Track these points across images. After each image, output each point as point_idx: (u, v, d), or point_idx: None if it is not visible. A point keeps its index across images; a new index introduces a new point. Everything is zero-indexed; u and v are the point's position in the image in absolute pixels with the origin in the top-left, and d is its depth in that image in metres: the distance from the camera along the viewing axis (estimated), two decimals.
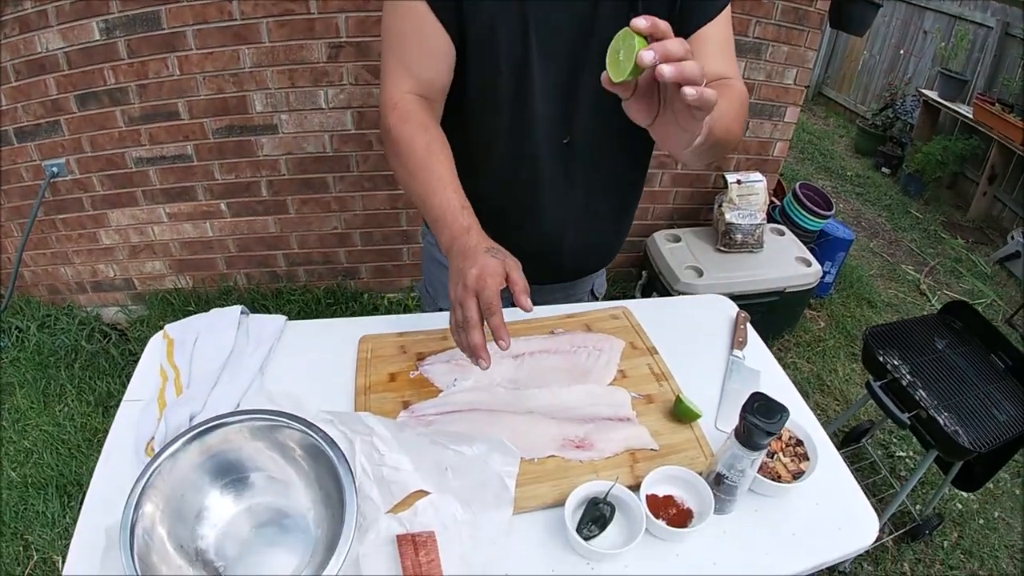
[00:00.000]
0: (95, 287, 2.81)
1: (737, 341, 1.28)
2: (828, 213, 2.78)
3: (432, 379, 1.11)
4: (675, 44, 0.69)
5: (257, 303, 2.78)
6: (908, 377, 1.86)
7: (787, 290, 2.52)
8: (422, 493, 0.93)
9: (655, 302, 1.39)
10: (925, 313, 3.26)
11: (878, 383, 1.80)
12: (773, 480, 0.99)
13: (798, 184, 2.83)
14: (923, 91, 4.76)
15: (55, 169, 2.45)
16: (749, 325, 1.32)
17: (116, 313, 2.86)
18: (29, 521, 2.03)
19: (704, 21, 1.02)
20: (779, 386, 1.20)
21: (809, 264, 2.55)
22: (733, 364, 1.23)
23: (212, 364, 1.20)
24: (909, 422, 1.72)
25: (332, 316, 2.72)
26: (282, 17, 2.20)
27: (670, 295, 2.47)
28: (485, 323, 0.87)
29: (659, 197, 2.81)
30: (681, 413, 1.06)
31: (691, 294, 2.38)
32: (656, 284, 2.59)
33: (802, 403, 1.18)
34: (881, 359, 1.87)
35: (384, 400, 1.08)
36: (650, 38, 0.71)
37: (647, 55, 0.68)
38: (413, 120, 1.01)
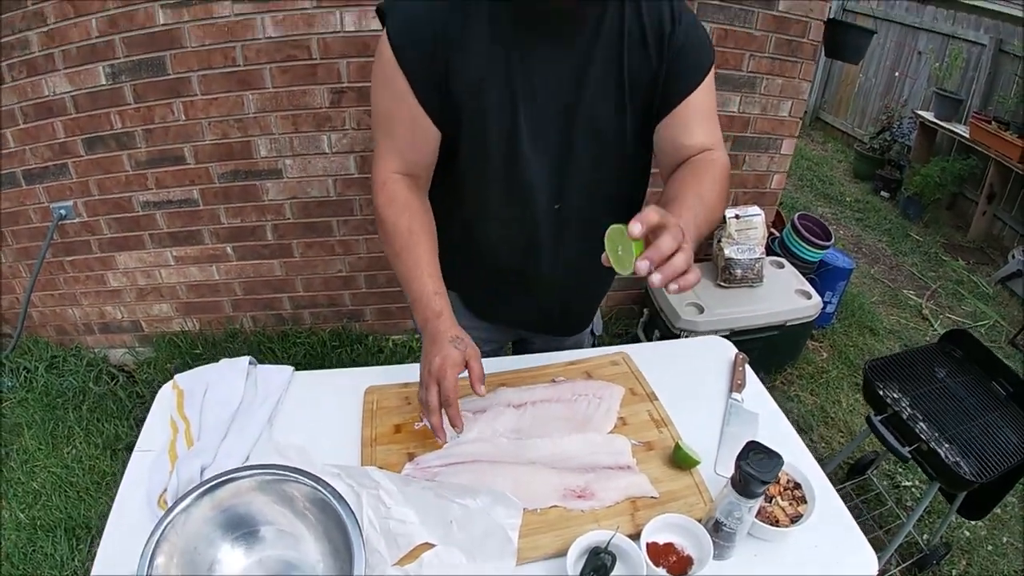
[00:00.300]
0: (103, 329, 2.85)
1: (736, 383, 1.31)
2: (827, 243, 2.82)
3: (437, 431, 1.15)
4: (667, 242, 0.80)
5: (263, 346, 2.80)
6: (908, 410, 1.88)
7: (788, 323, 2.55)
8: (428, 545, 0.96)
9: (654, 346, 1.43)
10: (928, 338, 3.28)
11: (878, 417, 1.82)
12: (771, 524, 1.02)
13: (796, 215, 2.88)
14: (919, 112, 4.79)
15: (63, 211, 2.50)
16: (748, 367, 1.36)
17: (123, 355, 2.89)
18: (37, 563, 2.04)
19: (687, 92, 1.07)
20: (777, 428, 1.23)
21: (809, 296, 2.59)
22: (732, 407, 1.26)
23: (222, 416, 1.24)
24: (910, 456, 1.74)
25: (337, 358, 2.77)
26: (285, 63, 2.27)
27: (672, 332, 2.51)
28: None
29: None
30: (680, 460, 1.09)
31: (692, 331, 2.42)
32: (657, 321, 2.63)
33: (801, 445, 1.21)
34: (881, 393, 1.89)
35: (390, 452, 1.11)
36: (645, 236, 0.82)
37: (643, 266, 0.80)
38: (398, 202, 1.10)
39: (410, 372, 1.30)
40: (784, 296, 2.59)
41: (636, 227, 0.80)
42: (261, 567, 0.98)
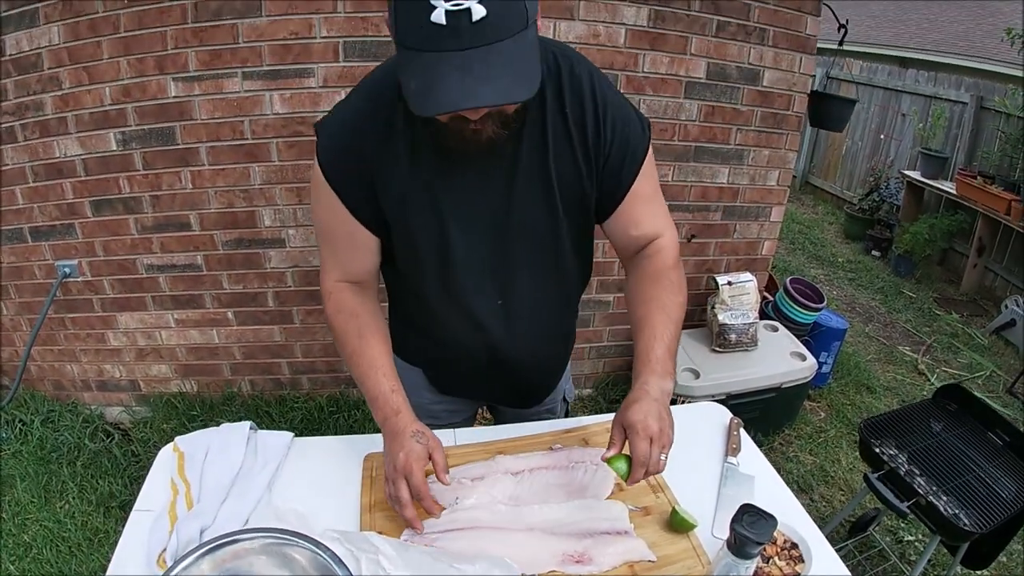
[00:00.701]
0: (100, 386, 2.84)
1: (731, 448, 1.33)
2: (820, 305, 2.87)
3: (435, 497, 1.16)
4: (643, 451, 1.02)
5: (260, 410, 2.80)
6: (905, 465, 1.89)
7: (783, 385, 2.58)
8: None
9: None
10: (925, 393, 3.28)
11: (875, 475, 1.83)
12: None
13: (788, 279, 2.94)
14: (906, 172, 4.90)
15: (67, 270, 2.53)
16: (743, 431, 1.38)
17: (120, 413, 2.88)
18: None
19: (627, 187, 1.11)
20: (774, 489, 1.25)
21: (804, 358, 2.62)
22: (728, 471, 1.28)
23: (222, 479, 1.25)
24: (908, 511, 1.75)
25: (335, 424, 2.77)
26: (291, 138, 2.35)
27: None
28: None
29: None
30: (677, 524, 1.11)
31: (689, 396, 2.45)
32: None
33: (797, 505, 1.22)
34: (877, 450, 1.90)
35: (388, 518, 1.12)
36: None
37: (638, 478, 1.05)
38: (345, 309, 1.16)
39: None
40: (779, 359, 2.62)
41: (609, 454, 1.05)
42: None
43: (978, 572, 2.25)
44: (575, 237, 1.16)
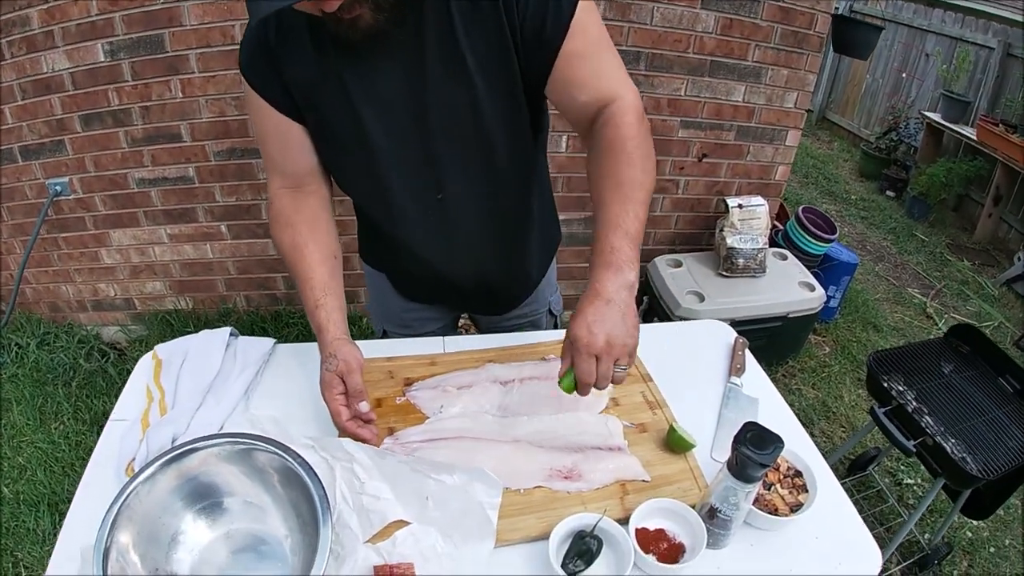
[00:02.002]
0: (95, 306, 2.80)
1: (735, 368, 1.24)
2: (831, 237, 2.74)
3: (419, 405, 1.08)
4: (584, 373, 0.89)
5: (256, 325, 2.75)
6: (914, 403, 1.80)
7: (790, 315, 2.47)
8: (402, 523, 0.89)
9: (652, 328, 1.36)
10: (932, 337, 3.19)
11: (882, 409, 1.75)
12: (770, 513, 0.95)
13: (801, 208, 2.80)
14: (926, 113, 4.72)
15: (58, 188, 2.46)
16: (748, 351, 1.29)
17: (116, 332, 2.84)
18: (20, 538, 1.99)
19: (556, 47, 0.94)
20: (778, 414, 1.16)
21: (813, 289, 2.50)
22: (730, 391, 1.19)
23: (198, 386, 1.18)
24: (915, 449, 1.67)
25: None
26: None
27: (671, 321, 2.44)
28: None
29: (660, 222, 2.79)
30: (674, 443, 1.02)
31: (692, 319, 2.35)
32: (657, 309, 2.56)
33: (802, 432, 1.13)
34: (886, 384, 1.82)
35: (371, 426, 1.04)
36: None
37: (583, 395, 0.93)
38: (281, 219, 1.09)
39: (395, 347, 1.24)
40: (787, 287, 2.51)
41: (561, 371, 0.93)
42: (228, 540, 0.93)
43: (975, 522, 2.21)
44: (507, 123, 1.03)
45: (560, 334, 1.29)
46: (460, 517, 0.87)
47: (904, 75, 5.33)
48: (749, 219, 2.43)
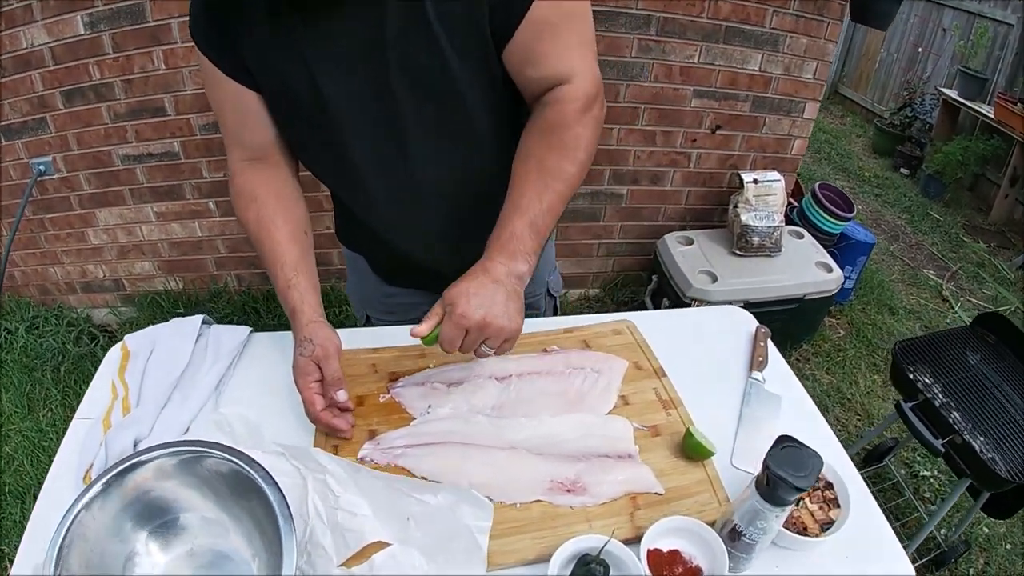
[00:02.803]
0: (85, 288, 2.69)
1: (756, 361, 1.11)
2: (849, 215, 2.59)
3: (404, 404, 0.96)
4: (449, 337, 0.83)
5: (248, 306, 2.64)
6: (941, 397, 1.67)
7: (807, 297, 2.33)
8: (381, 544, 0.77)
9: (663, 315, 1.23)
10: (948, 321, 3.06)
11: (909, 404, 1.61)
12: (799, 533, 0.82)
13: (817, 184, 2.64)
14: (942, 90, 4.55)
15: (42, 167, 2.35)
16: (770, 342, 1.16)
17: (106, 315, 2.74)
18: (6, 531, 1.91)
19: (520, 12, 0.83)
20: (803, 414, 1.04)
21: (830, 269, 2.36)
22: (752, 388, 1.06)
23: (164, 382, 1.06)
24: (944, 449, 1.54)
25: (332, 319, 2.58)
26: None
27: (682, 301, 2.30)
28: None
29: (670, 197, 2.64)
30: (691, 450, 0.89)
31: (705, 300, 2.21)
32: (667, 289, 2.41)
33: (831, 436, 1.01)
34: (912, 377, 1.68)
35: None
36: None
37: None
38: (244, 194, 0.98)
39: (379, 336, 1.11)
40: (804, 268, 2.36)
41: (421, 329, 0.85)
42: (192, 560, 0.81)
43: (993, 519, 2.07)
44: (482, 88, 0.90)
45: (563, 321, 1.16)
46: (446, 540, 0.74)
47: (920, 50, 5.14)
48: (765, 195, 2.28)
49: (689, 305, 2.25)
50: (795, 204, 2.71)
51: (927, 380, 1.70)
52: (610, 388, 0.98)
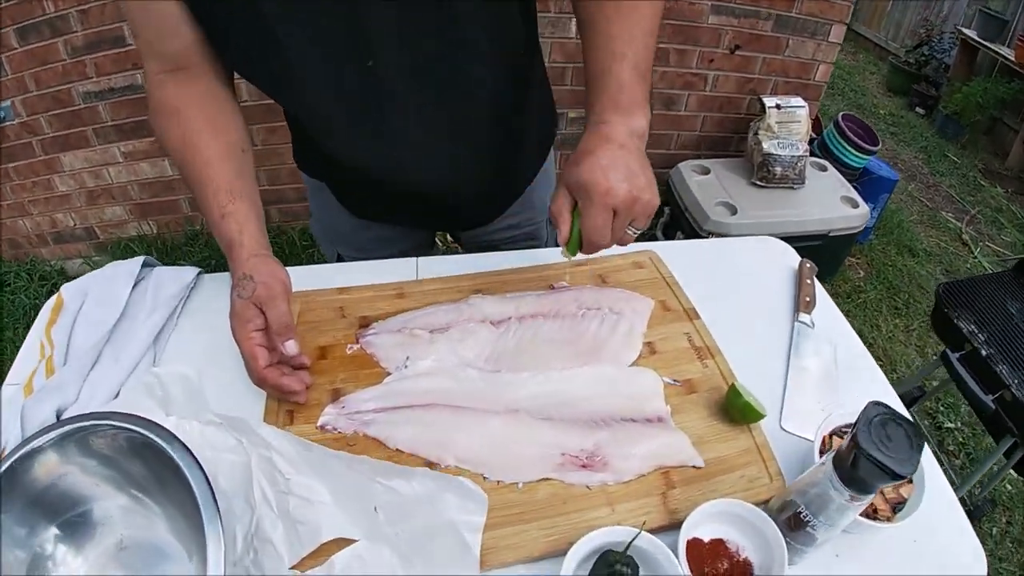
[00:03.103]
0: (56, 239, 2.49)
1: (803, 301, 0.90)
2: (874, 148, 2.35)
3: (376, 355, 0.76)
4: (596, 231, 0.67)
5: None
6: (985, 348, 1.46)
7: (831, 233, 2.10)
8: (344, 541, 0.59)
9: (688, 246, 1.01)
10: (968, 265, 2.87)
11: (957, 355, 1.41)
12: (868, 517, 0.63)
13: (840, 115, 2.39)
14: (962, 29, 4.26)
15: (1, 113, 2.14)
16: (817, 280, 0.95)
17: (80, 265, 2.54)
18: None
19: None
20: (858, 365, 0.84)
21: (856, 205, 2.12)
22: (799, 334, 0.86)
23: (94, 337, 0.86)
24: (993, 406, 1.34)
25: (309, 259, 2.39)
26: None
27: (698, 236, 2.07)
28: None
29: (684, 122, 2.39)
30: (738, 411, 0.70)
31: (723, 234, 1.98)
32: (681, 222, 2.19)
33: (890, 390, 0.82)
34: (958, 324, 1.47)
35: (308, 388, 0.72)
36: None
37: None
38: (163, 110, 0.76)
39: (350, 273, 0.90)
40: (829, 202, 2.13)
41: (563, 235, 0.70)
42: (120, 559, 0.64)
43: (1014, 473, 1.90)
44: None
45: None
46: (424, 539, 0.55)
47: None
48: (788, 122, 2.03)
49: (707, 237, 2.04)
50: (815, 136, 2.47)
51: (972, 328, 1.50)
52: (633, 333, 0.77)
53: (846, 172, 2.33)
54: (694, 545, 0.60)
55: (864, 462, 0.51)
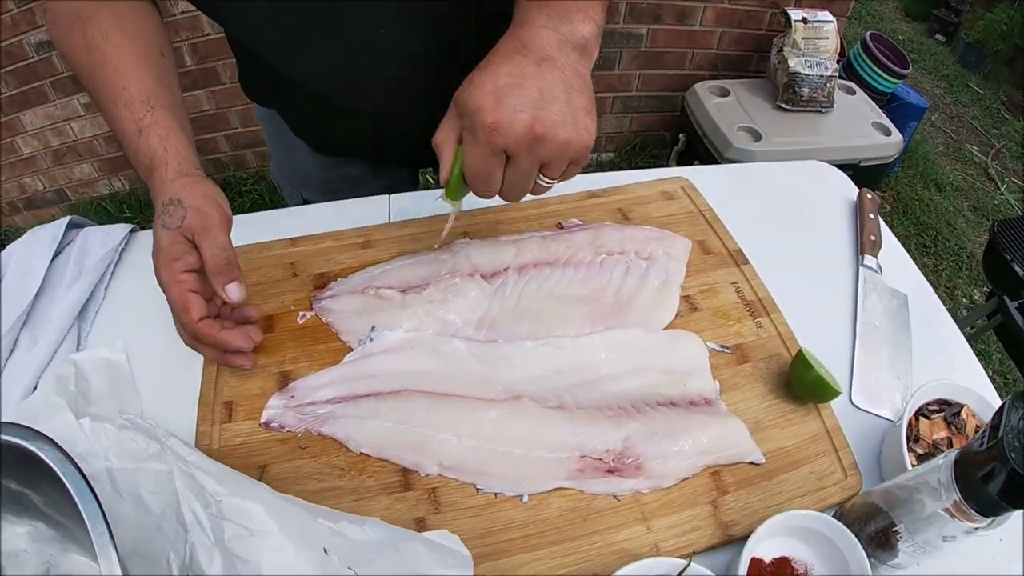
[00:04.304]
0: (27, 204, 2.32)
1: (868, 241, 0.73)
2: (904, 71, 2.12)
3: (333, 324, 0.58)
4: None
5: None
6: None
7: (862, 163, 1.89)
8: None
9: (720, 171, 0.82)
10: (995, 201, 2.68)
11: (1015, 304, 1.22)
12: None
13: (868, 33, 2.15)
14: None
15: None
16: (880, 218, 0.77)
17: None
18: None
19: None
20: (934, 322, 0.67)
21: (888, 132, 1.90)
22: (866, 282, 0.68)
23: (10, 317, 0.71)
24: None
25: None
26: None
27: (718, 164, 1.86)
28: None
29: (699, 39, 2.13)
30: (806, 387, 0.52)
31: (744, 162, 1.78)
32: (698, 150, 1.97)
33: (973, 360, 0.65)
34: (1013, 266, 1.27)
35: (249, 372, 0.56)
36: None
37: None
38: (62, 17, 0.60)
39: (306, 219, 0.72)
40: (860, 128, 1.91)
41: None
42: None
43: None
44: None
45: (586, 181, 0.75)
46: None
47: None
48: (815, 38, 1.80)
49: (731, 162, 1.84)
50: (839, 59, 2.23)
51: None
52: (669, 285, 0.59)
53: (873, 97, 2.11)
54: (754, 566, 0.44)
55: (1005, 479, 0.35)
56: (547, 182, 0.49)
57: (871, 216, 0.75)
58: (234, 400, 0.54)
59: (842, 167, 1.91)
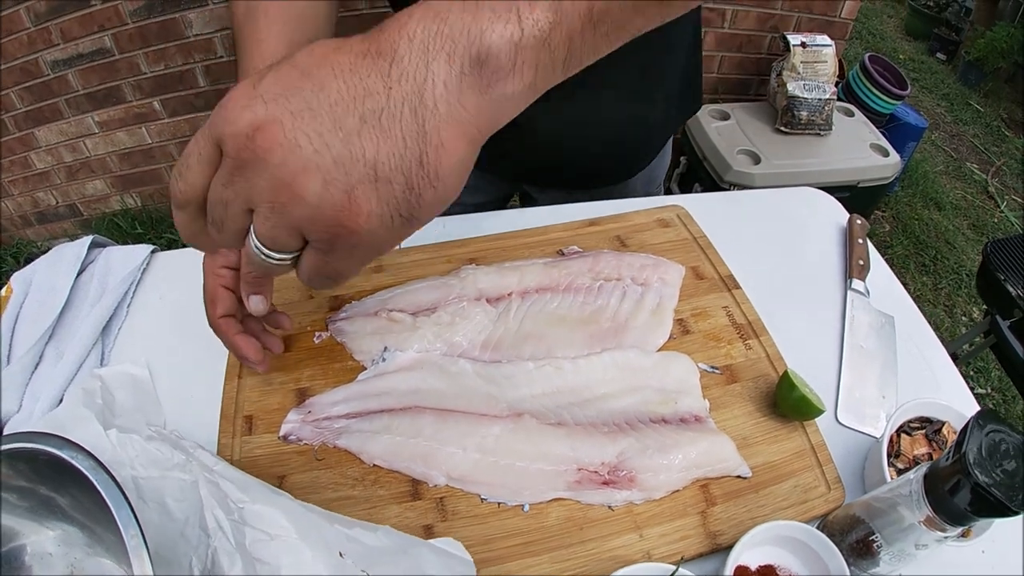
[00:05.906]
0: (40, 219, 2.37)
1: (855, 265, 0.76)
2: (903, 93, 2.17)
3: (347, 345, 0.62)
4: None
5: None
6: None
7: (861, 184, 1.93)
8: None
9: (713, 199, 0.87)
10: (995, 219, 2.71)
11: (1008, 322, 1.26)
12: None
13: (867, 55, 2.20)
14: None
15: None
16: (869, 241, 0.81)
17: None
18: None
19: None
20: (921, 342, 0.71)
21: (886, 153, 1.95)
22: (853, 304, 0.72)
23: (36, 333, 0.75)
24: None
25: None
26: None
27: (719, 188, 1.90)
28: None
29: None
30: (791, 406, 0.56)
31: (745, 185, 1.82)
32: (699, 173, 2.01)
33: (957, 377, 0.68)
34: (1006, 286, 1.31)
35: (269, 388, 0.60)
36: None
37: None
38: None
39: None
40: (858, 150, 1.96)
41: None
42: None
43: None
44: None
45: (584, 209, 0.80)
46: None
47: None
48: (814, 62, 1.85)
49: (728, 188, 1.87)
50: (838, 81, 2.28)
51: (1020, 292, 1.35)
52: (663, 309, 0.64)
53: (872, 118, 2.15)
54: (740, 573, 0.48)
55: (969, 491, 0.39)
56: (269, 255, 0.34)
57: (859, 241, 0.79)
58: (254, 414, 0.58)
59: (840, 189, 1.97)
